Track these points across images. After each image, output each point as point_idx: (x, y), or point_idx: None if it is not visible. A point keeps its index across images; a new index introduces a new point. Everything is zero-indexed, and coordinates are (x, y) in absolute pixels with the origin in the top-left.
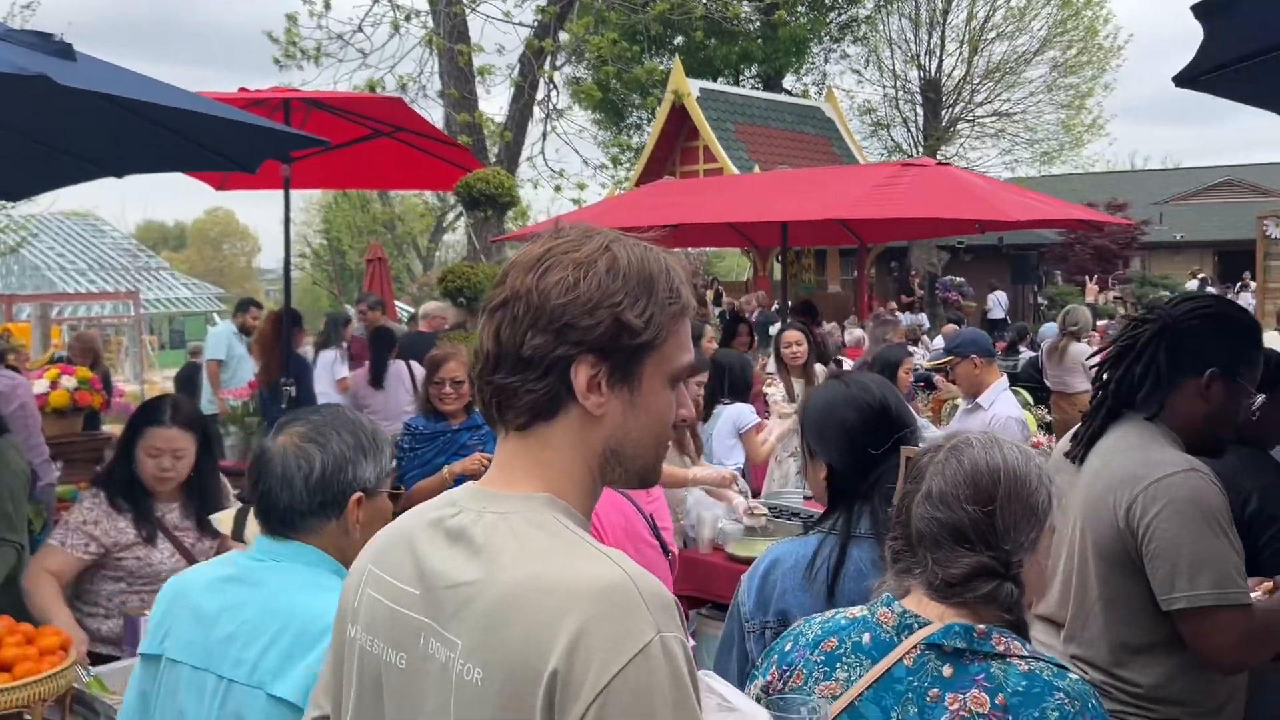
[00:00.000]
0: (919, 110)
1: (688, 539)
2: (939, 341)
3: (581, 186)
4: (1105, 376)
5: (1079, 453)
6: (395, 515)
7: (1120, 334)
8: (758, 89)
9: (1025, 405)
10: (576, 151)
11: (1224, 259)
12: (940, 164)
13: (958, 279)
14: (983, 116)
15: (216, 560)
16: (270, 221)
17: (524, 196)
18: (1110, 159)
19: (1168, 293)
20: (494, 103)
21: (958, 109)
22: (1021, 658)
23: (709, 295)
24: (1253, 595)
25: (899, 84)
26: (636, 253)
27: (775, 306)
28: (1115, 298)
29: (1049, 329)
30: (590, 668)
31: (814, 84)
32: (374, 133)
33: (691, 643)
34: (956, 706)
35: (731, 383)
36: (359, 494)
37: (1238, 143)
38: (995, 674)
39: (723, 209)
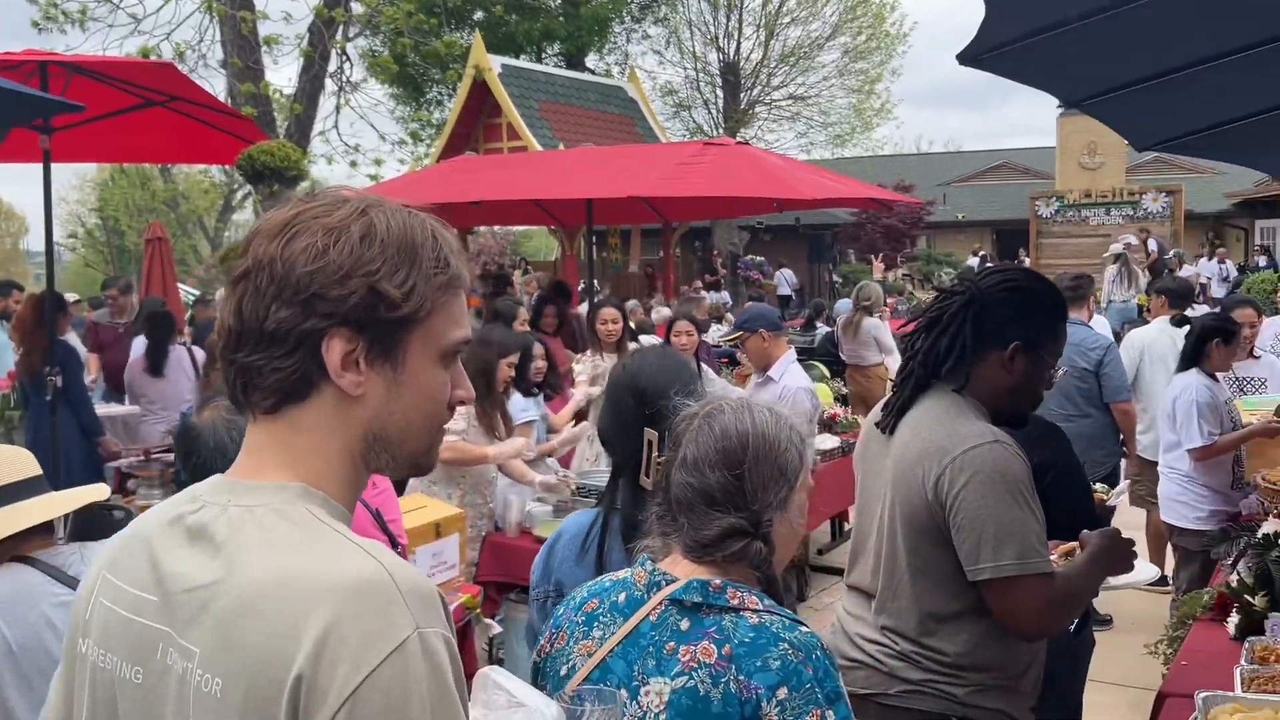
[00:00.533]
0: (719, 92)
1: (497, 523)
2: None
3: (379, 163)
4: (915, 347)
5: (889, 423)
6: None
7: (929, 305)
8: (560, 67)
9: (822, 379)
10: (373, 126)
11: (1002, 237)
12: (740, 144)
13: (758, 258)
14: (779, 100)
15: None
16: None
17: (317, 173)
18: (898, 142)
19: (950, 269)
20: (282, 74)
21: (755, 92)
22: (755, 611)
23: (517, 275)
24: (1051, 558)
25: (699, 66)
26: (398, 218)
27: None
28: (903, 274)
29: (844, 305)
30: (338, 670)
31: (616, 64)
32: (146, 102)
33: (497, 629)
34: (687, 658)
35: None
36: None
37: (1012, 128)
38: (726, 626)
39: (528, 185)
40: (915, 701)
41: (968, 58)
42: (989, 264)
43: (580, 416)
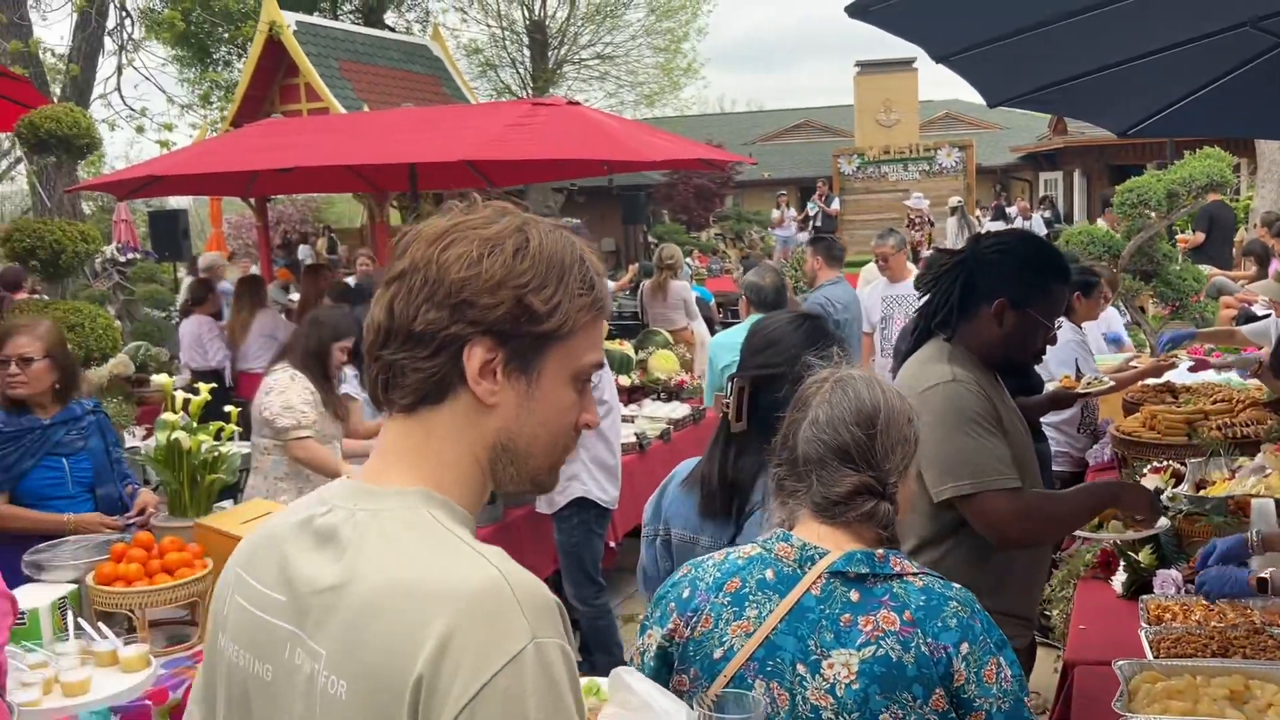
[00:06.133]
0: (526, 51)
1: None
2: None
3: (169, 128)
4: (920, 305)
5: (895, 371)
6: None
7: (930, 266)
8: (358, 24)
9: (665, 345)
10: (161, 89)
11: (806, 194)
12: (571, 103)
13: (574, 220)
14: (587, 59)
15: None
16: None
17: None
18: (704, 103)
19: (760, 227)
20: (53, 32)
21: (563, 51)
22: (913, 574)
23: (321, 244)
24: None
25: (505, 24)
26: (552, 237)
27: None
28: (715, 234)
29: (648, 267)
30: (457, 676)
31: (416, 21)
32: None
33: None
34: (869, 628)
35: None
36: None
37: (812, 89)
38: (898, 593)
39: (345, 150)
40: None
41: (857, 10)
42: (965, 216)
43: None
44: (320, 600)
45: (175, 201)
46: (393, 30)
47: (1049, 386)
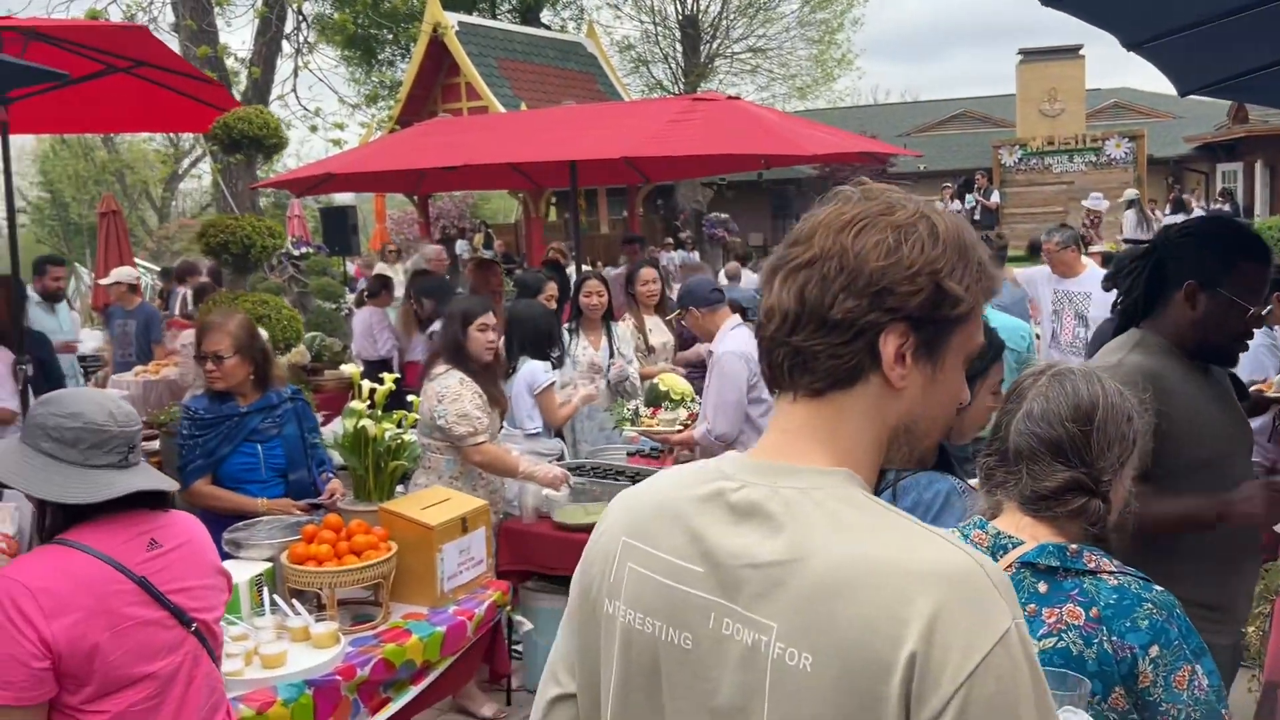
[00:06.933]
0: (678, 46)
1: (510, 510)
2: (722, 278)
3: (340, 126)
4: (1115, 296)
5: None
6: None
7: (1121, 259)
8: (515, 24)
9: None
10: (334, 90)
11: (964, 187)
12: (731, 98)
13: (723, 215)
14: (740, 53)
15: None
16: None
17: None
18: (856, 94)
19: None
20: (235, 37)
21: (716, 45)
22: (1110, 573)
23: (478, 239)
24: None
25: (657, 19)
26: (951, 220)
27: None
28: None
29: None
30: (950, 654)
31: (571, 19)
32: (108, 68)
33: (529, 626)
34: (1053, 620)
35: (532, 338)
36: None
37: (969, 78)
38: (1088, 589)
39: (509, 148)
40: None
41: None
42: (1142, 209)
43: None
44: (760, 574)
45: (341, 198)
46: (548, 28)
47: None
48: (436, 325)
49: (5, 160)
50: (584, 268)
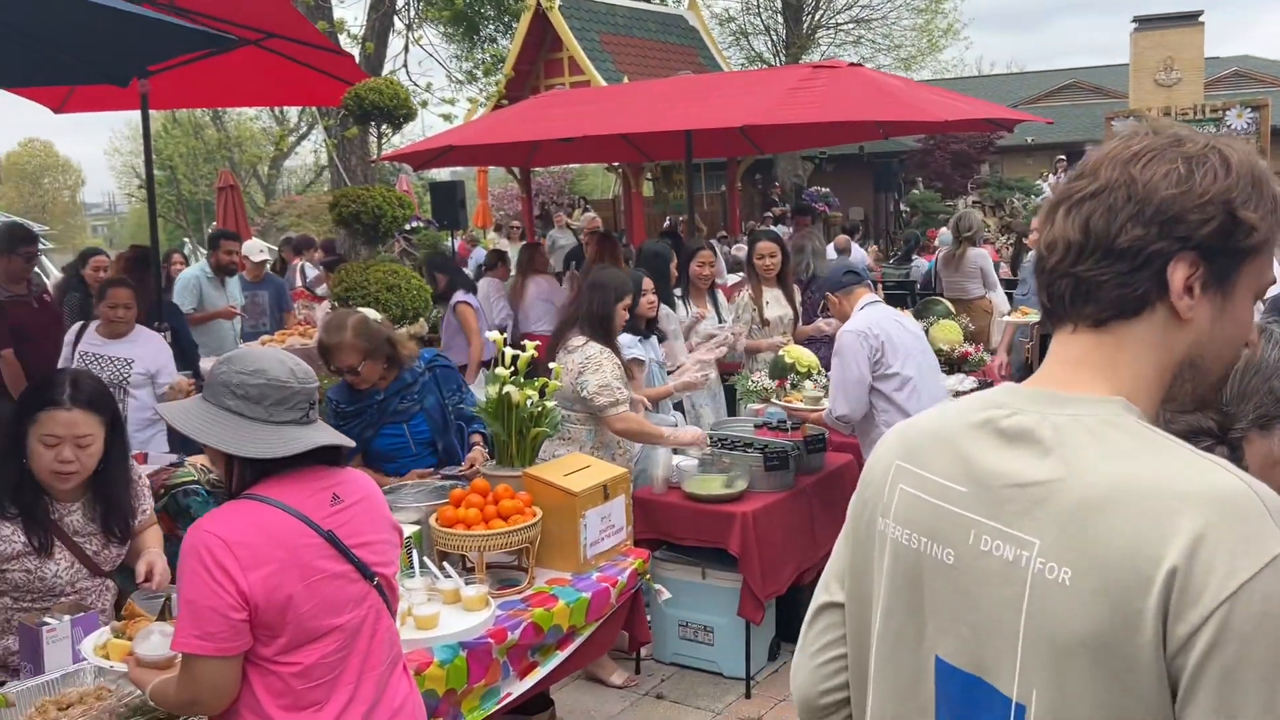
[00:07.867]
0: (779, 18)
1: (640, 479)
2: (830, 250)
3: (450, 102)
4: None
5: None
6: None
7: None
8: None
9: (947, 315)
10: (443, 65)
11: (1073, 160)
12: (854, 65)
13: (823, 189)
14: (843, 23)
15: None
16: (94, 152)
17: None
18: (961, 65)
19: (1021, 194)
20: (348, 13)
21: (818, 16)
22: None
23: (577, 214)
24: None
25: None
26: (1244, 150)
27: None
28: (974, 201)
29: (946, 236)
30: (1213, 572)
31: None
32: (240, 41)
33: (668, 595)
34: None
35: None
36: None
37: (1078, 48)
38: None
39: (625, 119)
40: None
41: None
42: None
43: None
44: (1024, 494)
45: (440, 173)
46: (650, 1)
47: None
48: (459, 296)
49: (145, 134)
50: (701, 240)
